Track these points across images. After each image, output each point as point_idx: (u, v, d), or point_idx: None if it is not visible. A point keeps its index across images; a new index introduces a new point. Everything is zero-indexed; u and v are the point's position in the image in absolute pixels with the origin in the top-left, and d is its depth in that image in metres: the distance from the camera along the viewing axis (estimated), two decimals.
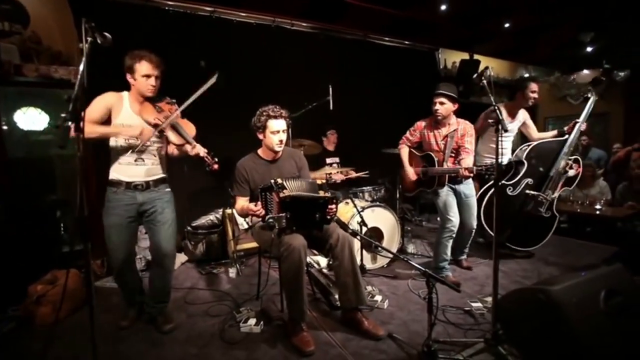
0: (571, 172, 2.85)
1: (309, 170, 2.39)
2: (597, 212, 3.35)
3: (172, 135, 1.93)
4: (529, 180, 2.87)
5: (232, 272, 2.90)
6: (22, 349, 1.92)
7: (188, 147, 1.95)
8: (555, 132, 3.10)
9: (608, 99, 6.21)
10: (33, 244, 2.60)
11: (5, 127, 2.82)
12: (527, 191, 2.86)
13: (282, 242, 1.84)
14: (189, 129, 2.00)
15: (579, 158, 2.91)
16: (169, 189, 2.07)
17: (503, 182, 2.85)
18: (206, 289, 2.66)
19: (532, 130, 3.11)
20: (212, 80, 1.92)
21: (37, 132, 2.97)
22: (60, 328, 2.03)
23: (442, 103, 2.51)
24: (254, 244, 3.23)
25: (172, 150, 2.07)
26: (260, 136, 2.13)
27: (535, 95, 2.90)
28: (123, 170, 1.91)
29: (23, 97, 2.91)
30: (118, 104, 1.86)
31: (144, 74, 1.83)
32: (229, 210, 3.20)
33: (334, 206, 1.99)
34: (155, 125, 1.87)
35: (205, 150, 1.94)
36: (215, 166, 1.94)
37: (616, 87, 5.94)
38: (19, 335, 2.05)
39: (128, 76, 1.86)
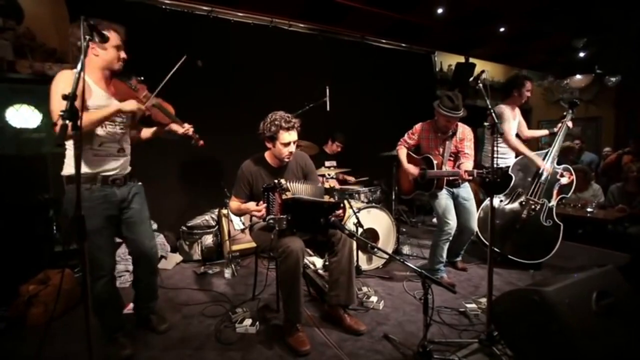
0: (564, 180, 2.91)
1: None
2: (589, 215, 3.39)
3: (155, 117, 1.82)
4: (520, 190, 2.96)
5: (228, 272, 2.88)
6: (12, 350, 1.88)
7: (175, 126, 1.87)
8: (546, 131, 3.22)
9: (599, 104, 6.34)
10: (24, 244, 2.55)
11: None
12: (520, 199, 2.92)
13: (280, 244, 1.84)
14: (170, 108, 1.90)
15: (569, 167, 2.97)
16: (140, 183, 1.91)
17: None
18: (201, 290, 2.64)
19: (524, 127, 3.19)
20: (182, 60, 1.87)
21: (29, 130, 2.93)
22: (52, 328, 1.99)
23: (455, 123, 2.53)
24: (249, 245, 3.23)
25: (142, 134, 1.95)
26: (269, 145, 2.04)
27: (530, 93, 3.00)
28: (100, 162, 1.67)
29: (16, 94, 2.87)
30: (85, 88, 1.61)
31: (116, 44, 1.63)
32: (224, 211, 3.19)
33: (340, 211, 1.98)
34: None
35: (191, 126, 1.90)
36: (201, 142, 1.93)
37: (607, 92, 6.06)
38: (8, 336, 2.02)
39: (90, 48, 1.58)
